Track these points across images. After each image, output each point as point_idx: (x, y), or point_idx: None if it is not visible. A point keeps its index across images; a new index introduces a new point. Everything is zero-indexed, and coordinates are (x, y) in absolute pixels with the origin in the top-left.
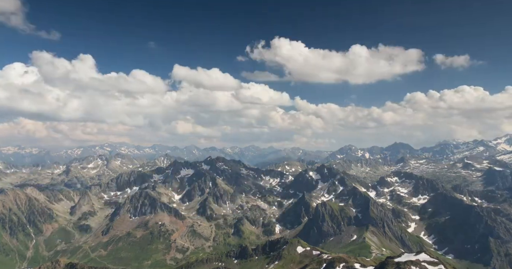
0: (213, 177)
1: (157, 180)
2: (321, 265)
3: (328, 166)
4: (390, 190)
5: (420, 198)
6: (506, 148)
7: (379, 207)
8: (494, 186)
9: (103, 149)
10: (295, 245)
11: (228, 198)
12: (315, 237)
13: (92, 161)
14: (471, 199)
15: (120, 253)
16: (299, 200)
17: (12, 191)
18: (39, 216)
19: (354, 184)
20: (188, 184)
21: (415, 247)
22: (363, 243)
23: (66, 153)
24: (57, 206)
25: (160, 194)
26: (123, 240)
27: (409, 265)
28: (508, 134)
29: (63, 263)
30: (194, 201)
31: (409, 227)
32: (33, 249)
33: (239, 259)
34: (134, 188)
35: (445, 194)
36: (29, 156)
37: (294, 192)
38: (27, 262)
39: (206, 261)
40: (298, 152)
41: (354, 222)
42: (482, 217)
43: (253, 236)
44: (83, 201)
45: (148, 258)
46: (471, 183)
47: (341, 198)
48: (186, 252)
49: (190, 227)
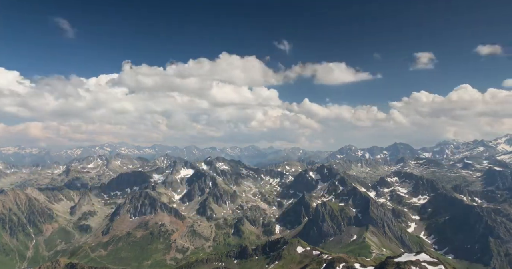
0: (213, 177)
1: (157, 180)
2: (321, 265)
3: (328, 166)
4: (390, 190)
5: (420, 198)
6: (506, 148)
7: (379, 207)
8: (494, 186)
9: (103, 149)
10: (295, 245)
11: (228, 198)
12: (315, 237)
13: (92, 161)
14: (471, 199)
15: (120, 253)
16: (299, 200)
17: (12, 191)
18: (39, 216)
19: (354, 184)
20: (188, 184)
21: (415, 247)
22: (363, 243)
23: (66, 153)
24: (57, 206)
25: (160, 194)
26: (123, 240)
27: (409, 265)
28: (508, 134)
29: (63, 263)
30: (194, 201)
31: (409, 227)
32: (33, 249)
33: (239, 259)
34: (134, 188)
35: (445, 194)
36: (29, 156)
37: (294, 192)
38: (27, 262)
39: (206, 261)
40: (298, 152)
41: (354, 222)
42: (482, 217)
43: (253, 236)
44: (83, 201)
45: (148, 258)
46: (471, 183)
47: (341, 198)
48: (186, 252)
49: (190, 227)
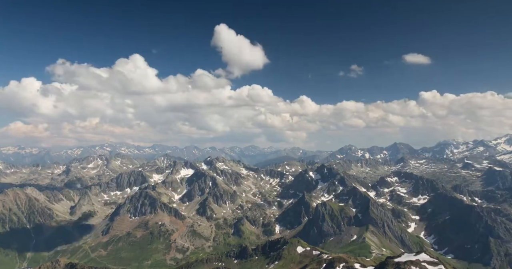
0: (213, 177)
1: (157, 180)
2: (321, 265)
3: (328, 166)
4: (390, 190)
5: (420, 198)
6: (506, 148)
7: (379, 207)
8: (494, 186)
9: (103, 149)
10: (295, 245)
11: (228, 198)
12: (315, 237)
13: (92, 161)
14: (471, 199)
15: (120, 253)
16: (299, 200)
17: (12, 191)
18: (39, 216)
19: (354, 184)
20: (188, 184)
21: (415, 247)
22: (363, 243)
23: (66, 153)
24: (57, 206)
25: (160, 194)
26: (123, 240)
27: (409, 265)
28: (508, 134)
29: (63, 263)
30: (194, 201)
31: (409, 227)
32: (33, 249)
33: (239, 259)
34: (134, 188)
35: (445, 194)
36: (29, 156)
37: (294, 192)
38: (27, 262)
39: (206, 261)
40: (298, 152)
41: (354, 222)
42: (482, 217)
43: (253, 236)
44: (83, 201)
45: (148, 258)
46: (471, 183)
47: (341, 198)
48: (186, 252)
49: (190, 227)
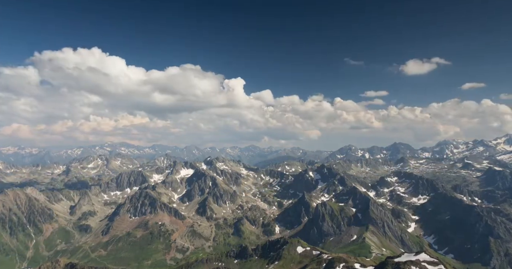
0: (213, 177)
1: (157, 180)
2: (321, 265)
3: (328, 166)
4: (390, 190)
5: (420, 198)
6: (506, 148)
7: (379, 207)
8: (494, 186)
9: (103, 149)
10: (295, 245)
11: (228, 198)
12: (315, 237)
13: (92, 161)
14: (471, 199)
15: (120, 253)
16: (299, 200)
17: (12, 191)
18: (39, 216)
19: (354, 184)
20: (188, 184)
21: (415, 247)
22: (363, 243)
23: (66, 153)
24: (57, 206)
25: (160, 194)
26: (123, 240)
27: (409, 265)
28: (508, 134)
29: (63, 263)
30: (194, 201)
31: (409, 227)
32: (33, 249)
33: (239, 259)
34: (134, 188)
35: (445, 194)
36: (29, 156)
37: (294, 192)
38: (27, 262)
39: (206, 261)
40: (298, 152)
41: (354, 222)
42: (482, 217)
43: (253, 236)
44: (83, 201)
45: (148, 258)
46: (471, 183)
47: (341, 198)
48: (186, 252)
49: (190, 227)
